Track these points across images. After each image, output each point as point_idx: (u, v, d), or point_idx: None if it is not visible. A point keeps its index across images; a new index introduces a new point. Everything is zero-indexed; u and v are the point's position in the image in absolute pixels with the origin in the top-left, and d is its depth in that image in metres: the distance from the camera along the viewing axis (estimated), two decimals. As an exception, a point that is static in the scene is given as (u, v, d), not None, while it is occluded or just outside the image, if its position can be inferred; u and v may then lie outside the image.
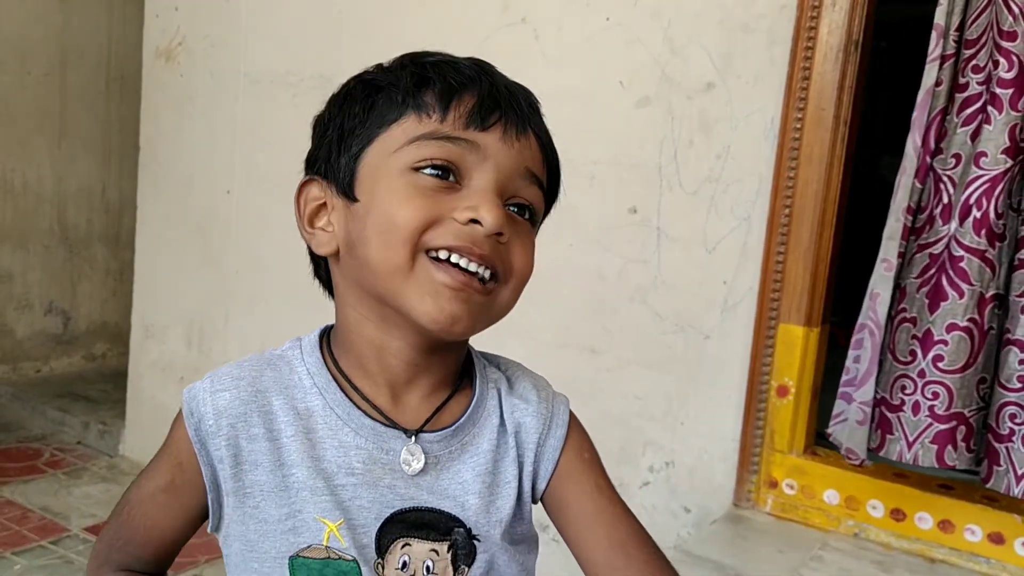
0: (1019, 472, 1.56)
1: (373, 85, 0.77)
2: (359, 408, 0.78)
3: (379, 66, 0.80)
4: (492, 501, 0.79)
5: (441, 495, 0.78)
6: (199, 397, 0.78)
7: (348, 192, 0.77)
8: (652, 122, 2.02)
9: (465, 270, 0.72)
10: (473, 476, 0.79)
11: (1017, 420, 1.57)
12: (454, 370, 0.83)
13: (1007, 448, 1.58)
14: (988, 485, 1.61)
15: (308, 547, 0.75)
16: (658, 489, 2.06)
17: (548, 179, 0.80)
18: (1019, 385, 1.57)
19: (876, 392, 1.67)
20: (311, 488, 0.75)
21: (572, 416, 0.86)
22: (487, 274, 0.73)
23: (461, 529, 0.78)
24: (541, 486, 0.83)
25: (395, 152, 0.74)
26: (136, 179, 3.10)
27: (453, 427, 0.80)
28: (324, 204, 0.79)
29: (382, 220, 0.73)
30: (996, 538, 1.71)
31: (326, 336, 0.84)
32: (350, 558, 0.75)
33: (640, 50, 2.03)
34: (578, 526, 0.82)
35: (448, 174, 0.73)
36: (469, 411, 0.81)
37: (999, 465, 1.59)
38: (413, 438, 0.78)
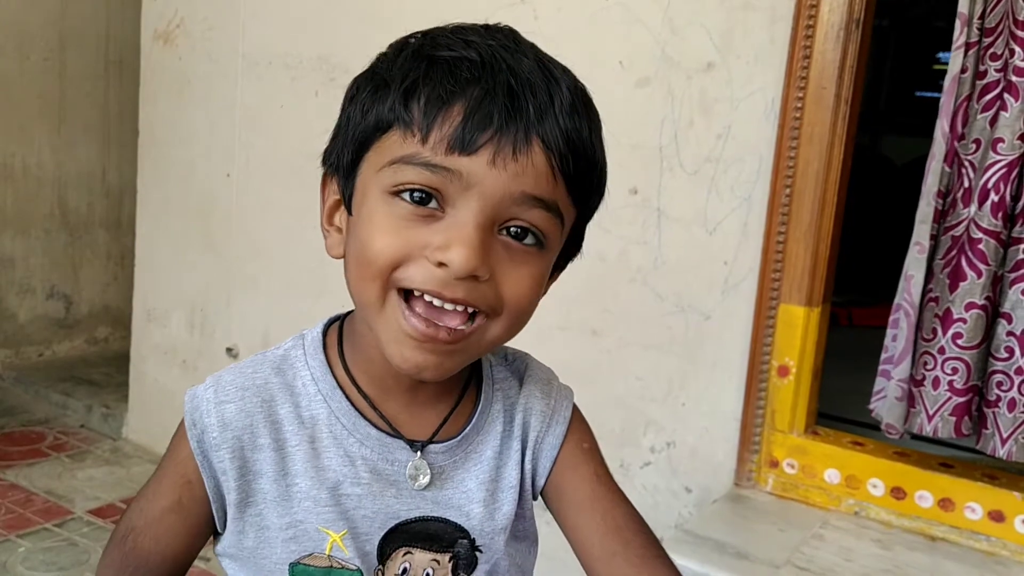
0: (1004, 435, 1.65)
1: (376, 79, 0.70)
2: (365, 417, 0.76)
3: (396, 46, 0.72)
4: (496, 508, 0.79)
5: (446, 505, 0.77)
6: (202, 408, 0.74)
7: (348, 203, 0.73)
8: (652, 102, 2.01)
9: (441, 307, 0.67)
10: (477, 484, 0.78)
11: (1003, 387, 1.65)
12: (463, 379, 0.80)
13: (994, 413, 1.66)
14: (976, 447, 1.70)
15: (310, 554, 0.74)
16: (659, 469, 2.07)
17: (577, 181, 0.70)
18: (1006, 355, 1.65)
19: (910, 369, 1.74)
20: (313, 499, 0.74)
21: (575, 409, 0.85)
22: (469, 310, 0.68)
23: (465, 540, 0.77)
24: (540, 482, 0.82)
25: (379, 171, 0.68)
26: (136, 163, 3.10)
27: (459, 437, 0.78)
28: (340, 201, 0.75)
29: (358, 248, 0.69)
30: (996, 516, 1.71)
31: (335, 326, 0.81)
32: (354, 567, 0.75)
33: (640, 30, 2.02)
34: (576, 512, 0.80)
35: (430, 199, 0.66)
36: (474, 420, 0.79)
37: (987, 429, 1.68)
38: (419, 453, 0.76)
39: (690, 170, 1.98)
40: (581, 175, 0.70)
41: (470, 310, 0.68)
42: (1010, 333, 1.64)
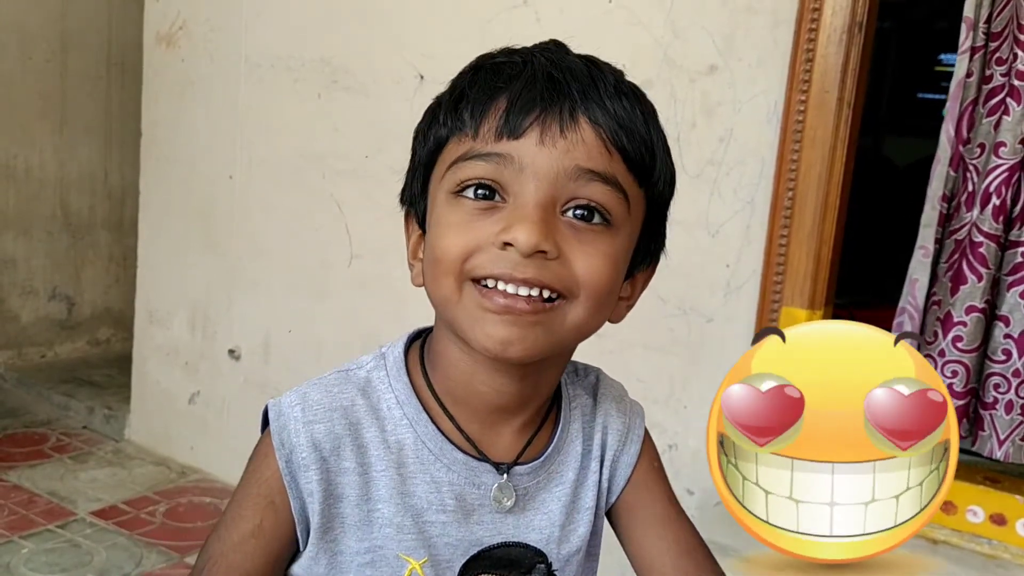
0: (1001, 437, 1.68)
1: (431, 108, 0.74)
2: (451, 441, 0.75)
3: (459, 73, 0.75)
4: (573, 530, 0.79)
5: (527, 528, 0.77)
6: (290, 427, 0.72)
7: (422, 224, 0.75)
8: (654, 105, 2.01)
9: (515, 294, 0.67)
10: (559, 507, 0.78)
11: (1000, 389, 1.67)
12: (548, 397, 0.79)
13: (991, 415, 1.69)
14: (973, 448, 1.72)
15: None
16: (661, 472, 2.07)
17: (635, 159, 0.71)
18: (1003, 357, 1.67)
19: None
20: (397, 525, 0.72)
21: (645, 428, 0.86)
22: (545, 293, 0.68)
23: (542, 566, 0.77)
24: (612, 499, 0.83)
25: (442, 179, 0.70)
26: (138, 165, 3.10)
27: (542, 458, 0.78)
28: (422, 236, 0.76)
29: (431, 252, 0.71)
30: (998, 519, 1.71)
31: (416, 344, 0.80)
32: None
33: (642, 33, 2.02)
34: (645, 531, 0.81)
35: (493, 193, 0.68)
36: (555, 440, 0.79)
37: (983, 431, 1.70)
38: (505, 475, 0.75)
39: (692, 173, 1.98)
40: (637, 152, 0.71)
41: (545, 293, 0.68)
42: (1007, 336, 1.66)
